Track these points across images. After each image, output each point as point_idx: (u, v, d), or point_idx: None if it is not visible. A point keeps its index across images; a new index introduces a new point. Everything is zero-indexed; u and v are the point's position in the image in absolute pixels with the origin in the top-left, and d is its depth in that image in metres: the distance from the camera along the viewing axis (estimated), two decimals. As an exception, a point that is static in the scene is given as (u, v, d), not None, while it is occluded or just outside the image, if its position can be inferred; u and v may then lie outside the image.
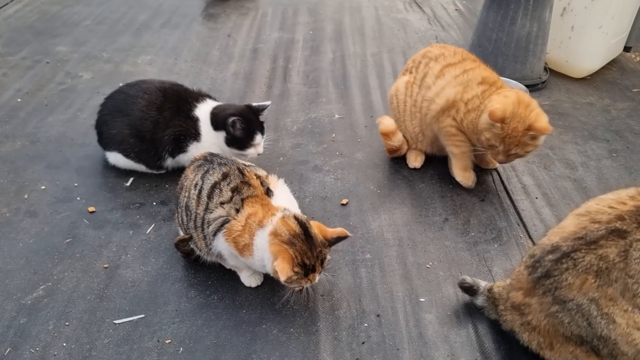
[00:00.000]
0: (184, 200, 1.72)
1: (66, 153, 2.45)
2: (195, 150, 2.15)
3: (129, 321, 1.65)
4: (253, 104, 2.20)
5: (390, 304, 1.72)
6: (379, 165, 2.43)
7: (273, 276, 1.58)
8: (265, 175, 1.72)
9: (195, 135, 2.17)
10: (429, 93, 2.21)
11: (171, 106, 2.18)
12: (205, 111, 2.18)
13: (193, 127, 2.17)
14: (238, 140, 2.14)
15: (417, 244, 1.98)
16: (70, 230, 2.01)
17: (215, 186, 1.63)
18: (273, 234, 1.52)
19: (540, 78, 3.13)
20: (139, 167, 2.28)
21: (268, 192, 1.66)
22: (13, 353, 1.54)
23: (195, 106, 2.19)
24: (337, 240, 1.59)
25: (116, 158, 2.27)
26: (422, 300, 1.74)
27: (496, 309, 1.57)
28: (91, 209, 2.10)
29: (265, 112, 2.21)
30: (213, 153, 1.77)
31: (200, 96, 2.24)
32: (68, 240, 1.96)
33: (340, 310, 1.70)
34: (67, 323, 1.64)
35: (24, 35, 3.70)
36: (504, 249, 1.96)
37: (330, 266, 1.83)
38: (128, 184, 2.26)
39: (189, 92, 2.25)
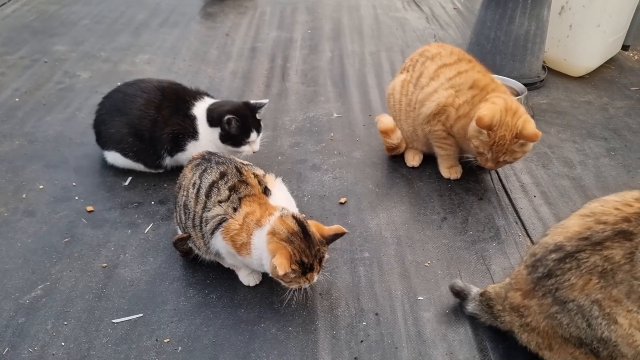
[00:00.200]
0: (182, 199, 1.72)
1: (64, 152, 2.45)
2: (193, 149, 2.15)
3: (128, 320, 1.65)
4: (251, 101, 2.20)
5: (388, 303, 1.73)
6: (377, 164, 2.43)
7: (271, 275, 1.58)
8: (263, 174, 1.72)
9: (193, 134, 2.18)
10: (422, 94, 2.22)
11: (169, 105, 2.18)
12: (202, 109, 2.18)
13: (191, 126, 2.17)
14: (232, 137, 2.14)
15: (416, 243, 1.98)
16: (68, 229, 2.00)
17: (213, 185, 1.63)
18: (271, 233, 1.52)
19: (538, 77, 3.13)
20: (138, 167, 2.28)
21: (266, 191, 1.66)
22: (11, 353, 1.54)
23: (193, 104, 2.20)
24: (335, 237, 1.59)
25: (114, 157, 2.27)
26: (421, 298, 1.74)
27: (492, 311, 1.55)
28: (89, 209, 2.10)
29: (262, 110, 2.21)
30: (211, 152, 1.77)
31: (198, 94, 2.24)
32: (66, 239, 1.96)
33: (338, 309, 1.70)
34: (66, 322, 1.64)
35: (22, 34, 3.69)
36: (503, 248, 1.96)
37: (328, 265, 1.83)
38: (126, 183, 2.26)
39: (187, 91, 2.25)
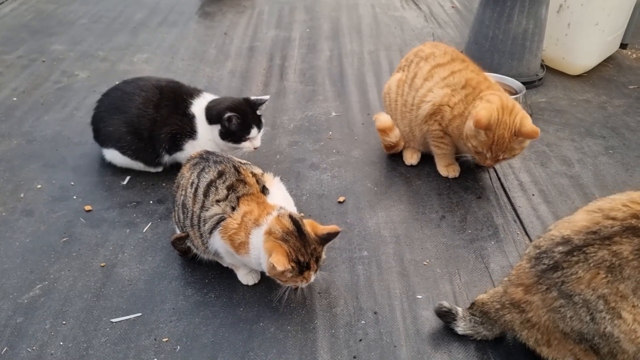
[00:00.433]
0: (181, 198, 1.72)
1: (62, 152, 2.45)
2: (192, 148, 2.14)
3: (126, 320, 1.65)
4: (251, 98, 2.19)
5: (387, 301, 1.73)
6: (376, 162, 2.43)
7: (269, 274, 1.58)
8: (261, 173, 1.72)
9: (191, 133, 2.17)
10: (417, 95, 2.22)
11: (168, 104, 2.18)
12: (201, 107, 2.18)
13: (189, 125, 2.17)
14: (233, 133, 2.13)
15: (414, 241, 1.98)
16: (66, 229, 2.00)
17: (211, 184, 1.63)
18: (268, 233, 1.52)
19: (536, 75, 3.13)
20: (136, 165, 2.27)
21: (264, 190, 1.66)
22: (10, 352, 1.54)
23: (191, 103, 2.19)
24: (329, 236, 1.58)
25: (113, 155, 2.26)
26: (419, 297, 1.74)
27: (488, 317, 1.53)
28: (88, 208, 2.10)
29: (263, 106, 2.20)
30: (209, 151, 1.77)
31: (196, 92, 2.23)
32: (64, 239, 1.96)
33: (337, 307, 1.70)
34: (64, 322, 1.64)
35: (20, 34, 3.69)
36: (501, 246, 1.96)
37: (327, 264, 1.83)
38: (124, 183, 2.25)
39: (185, 89, 2.25)
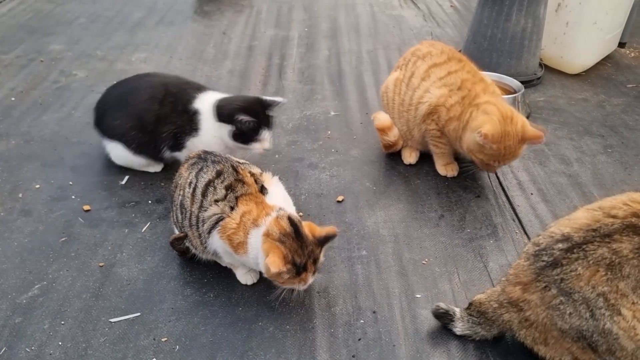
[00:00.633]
0: (179, 198, 1.71)
1: (61, 152, 2.44)
2: (193, 146, 2.11)
3: (125, 319, 1.65)
4: (263, 98, 2.13)
5: (386, 301, 1.73)
6: (375, 162, 2.43)
7: (266, 275, 1.58)
8: (259, 172, 1.72)
9: (194, 130, 2.13)
10: (415, 95, 2.22)
11: (172, 101, 2.13)
12: (206, 103, 2.12)
13: (192, 122, 2.12)
14: (243, 134, 2.08)
15: (413, 241, 1.98)
16: (65, 229, 2.00)
17: (209, 184, 1.63)
18: (266, 234, 1.52)
19: (535, 74, 3.13)
20: (137, 161, 2.24)
21: (262, 190, 1.65)
22: (8, 352, 1.54)
23: (195, 97, 2.14)
24: (327, 238, 1.57)
25: (115, 148, 2.22)
26: (418, 296, 1.75)
27: (486, 317, 1.53)
28: (86, 208, 2.10)
29: (276, 108, 2.13)
30: (207, 151, 1.76)
31: (202, 88, 2.20)
32: (63, 239, 1.95)
33: (336, 307, 1.70)
34: (63, 322, 1.64)
35: (18, 33, 3.68)
36: (500, 245, 1.96)
37: (325, 263, 1.83)
38: (123, 182, 2.25)
39: (191, 84, 2.21)
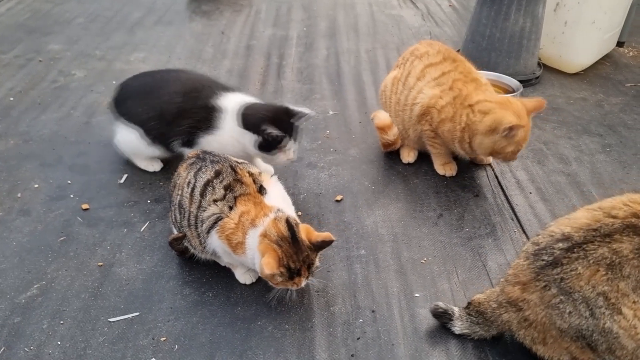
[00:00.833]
0: (177, 198, 1.71)
1: (59, 151, 2.44)
2: (206, 143, 2.07)
3: (124, 319, 1.65)
4: (290, 107, 2.03)
5: (385, 300, 1.73)
6: (373, 161, 2.43)
7: (260, 276, 1.59)
8: (258, 172, 1.72)
9: (212, 127, 2.08)
10: (410, 95, 2.22)
11: (196, 95, 2.10)
12: (233, 103, 2.07)
13: (212, 118, 2.07)
14: (268, 144, 2.02)
15: (412, 240, 1.98)
16: (64, 228, 2.00)
17: (208, 184, 1.63)
18: (263, 235, 1.53)
19: (533, 73, 3.13)
20: (146, 151, 2.21)
21: (261, 190, 1.65)
22: (7, 352, 1.54)
23: (220, 95, 2.10)
24: (323, 244, 1.57)
25: (128, 134, 2.19)
26: (417, 295, 1.75)
27: (485, 317, 1.53)
28: (85, 207, 2.10)
29: (302, 120, 2.05)
30: (206, 151, 1.76)
31: (228, 88, 2.17)
32: (62, 238, 1.95)
33: (335, 306, 1.70)
34: (62, 322, 1.64)
35: (16, 33, 3.67)
36: (499, 244, 1.96)
37: (324, 263, 1.83)
38: (122, 181, 2.25)
39: (219, 84, 2.19)
